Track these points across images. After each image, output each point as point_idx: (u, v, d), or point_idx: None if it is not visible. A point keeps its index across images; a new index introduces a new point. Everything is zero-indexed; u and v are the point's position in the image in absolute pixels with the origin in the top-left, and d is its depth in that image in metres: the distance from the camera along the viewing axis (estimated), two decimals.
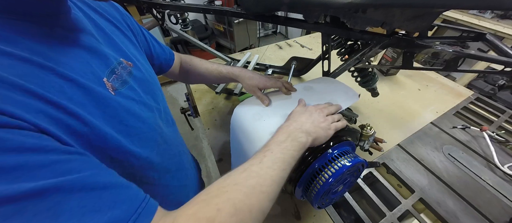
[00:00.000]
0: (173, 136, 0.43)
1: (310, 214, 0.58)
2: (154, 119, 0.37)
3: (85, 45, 0.29)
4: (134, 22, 0.45)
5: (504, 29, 1.57)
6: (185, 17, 1.09)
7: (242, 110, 0.55)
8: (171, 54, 0.57)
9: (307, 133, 0.38)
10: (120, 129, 0.28)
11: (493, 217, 0.56)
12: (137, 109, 0.32)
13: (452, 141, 0.77)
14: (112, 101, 0.28)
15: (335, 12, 0.47)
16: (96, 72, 0.28)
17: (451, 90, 1.02)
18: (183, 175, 0.41)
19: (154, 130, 0.36)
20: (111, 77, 0.30)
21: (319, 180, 0.41)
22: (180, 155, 0.46)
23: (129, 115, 0.30)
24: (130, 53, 0.37)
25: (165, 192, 0.39)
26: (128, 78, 0.34)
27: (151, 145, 0.34)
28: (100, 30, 0.34)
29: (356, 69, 0.75)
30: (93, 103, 0.26)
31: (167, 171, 0.39)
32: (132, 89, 0.33)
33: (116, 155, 0.28)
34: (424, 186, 0.64)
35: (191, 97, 0.99)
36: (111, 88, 0.29)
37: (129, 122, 0.30)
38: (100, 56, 0.30)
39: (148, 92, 0.37)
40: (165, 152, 0.39)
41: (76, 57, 0.27)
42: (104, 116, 0.27)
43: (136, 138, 0.31)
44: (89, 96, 0.26)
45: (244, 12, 0.57)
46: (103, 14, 0.37)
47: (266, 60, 1.20)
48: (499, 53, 0.49)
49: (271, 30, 3.55)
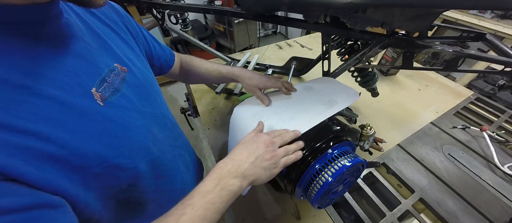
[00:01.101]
0: (167, 141, 0.42)
1: (310, 214, 0.58)
2: (147, 126, 0.35)
3: (75, 53, 0.28)
4: (134, 24, 0.44)
5: (504, 29, 1.57)
6: (185, 17, 1.09)
7: (242, 110, 0.55)
8: (171, 55, 0.57)
9: (242, 176, 0.34)
10: (106, 142, 0.28)
11: (493, 217, 0.56)
12: (127, 118, 0.31)
13: (452, 141, 0.77)
14: (98, 114, 0.27)
15: (335, 12, 0.47)
16: (84, 83, 0.27)
17: (451, 90, 1.02)
18: (178, 179, 0.39)
19: (145, 137, 0.34)
20: (102, 86, 0.29)
21: (319, 180, 0.41)
22: (175, 159, 0.44)
23: (116, 126, 0.29)
24: (125, 58, 0.36)
25: (160, 197, 0.38)
26: (121, 86, 0.32)
27: (141, 153, 0.33)
28: (94, 34, 0.33)
29: (356, 69, 0.75)
30: (75, 120, 0.25)
31: (159, 176, 0.38)
32: (125, 96, 0.32)
33: (100, 170, 0.27)
34: (424, 186, 0.64)
35: (191, 97, 0.99)
36: (99, 99, 0.28)
37: (117, 133, 0.29)
38: (90, 64, 0.29)
39: (143, 98, 0.36)
40: (157, 158, 0.37)
41: (62, 68, 0.26)
42: (88, 131, 0.26)
43: (125, 148, 0.30)
44: (71, 113, 0.25)
45: (244, 12, 0.57)
46: (100, 17, 0.36)
47: (266, 60, 1.20)
48: (499, 53, 0.49)
49: (271, 30, 3.55)
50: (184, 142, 0.53)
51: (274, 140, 0.39)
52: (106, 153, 0.27)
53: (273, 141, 0.39)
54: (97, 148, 0.26)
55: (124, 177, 0.30)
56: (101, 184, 0.27)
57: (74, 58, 0.27)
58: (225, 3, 2.48)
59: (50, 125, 0.23)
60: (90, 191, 0.26)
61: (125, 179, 0.30)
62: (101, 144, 0.27)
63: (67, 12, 0.30)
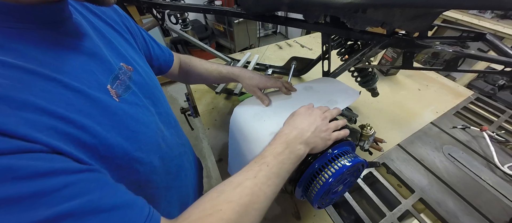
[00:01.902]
0: (173, 139, 0.44)
1: (310, 214, 0.58)
2: (155, 123, 0.37)
3: (88, 51, 0.29)
4: (133, 24, 0.45)
5: (504, 29, 1.57)
6: (185, 17, 1.09)
7: (242, 110, 0.55)
8: (170, 55, 0.57)
9: (306, 143, 0.37)
10: (126, 136, 0.29)
11: (493, 217, 0.56)
12: (140, 115, 0.33)
13: (452, 141, 0.77)
14: (118, 109, 0.29)
15: (335, 12, 0.47)
16: (100, 80, 0.28)
17: (451, 90, 1.02)
18: (183, 176, 0.41)
19: (156, 133, 0.36)
20: (115, 83, 0.30)
21: (319, 180, 0.41)
22: (180, 156, 0.46)
23: (133, 120, 0.31)
24: (130, 57, 0.37)
25: (168, 194, 0.40)
26: (130, 84, 0.34)
27: (154, 149, 0.35)
28: (100, 34, 0.33)
29: (356, 69, 0.75)
30: (100, 113, 0.26)
31: (168, 173, 0.40)
32: (135, 94, 0.34)
33: (122, 162, 0.28)
34: (424, 186, 0.64)
35: (191, 97, 0.99)
36: (115, 95, 0.29)
37: (135, 128, 0.31)
38: (103, 62, 0.30)
39: (148, 97, 0.37)
40: (166, 154, 0.39)
41: (81, 65, 0.27)
42: (111, 124, 0.27)
43: (142, 143, 0.31)
44: (96, 106, 0.26)
45: (244, 12, 0.57)
46: (102, 17, 0.36)
47: (266, 60, 1.20)
48: (499, 53, 0.49)
49: (271, 30, 3.55)
50: (186, 140, 0.54)
51: (325, 114, 0.42)
52: (127, 146, 0.28)
53: (325, 115, 0.42)
54: (119, 140, 0.27)
55: (142, 171, 0.32)
56: (123, 177, 0.28)
57: (88, 56, 0.28)
58: (225, 3, 2.48)
59: (82, 115, 0.24)
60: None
61: (143, 173, 0.32)
62: (122, 137, 0.28)
63: (75, 13, 0.30)
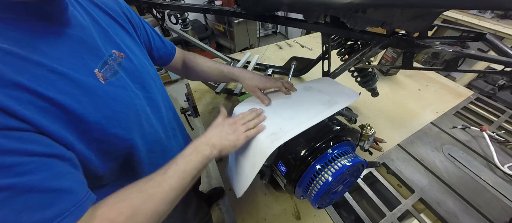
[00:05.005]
0: (161, 122, 0.49)
1: (310, 214, 0.58)
2: (141, 105, 0.42)
3: (79, 39, 0.34)
4: (135, 15, 0.49)
5: (504, 29, 1.57)
6: (185, 17, 1.09)
7: (241, 110, 0.55)
8: (172, 49, 0.59)
9: (212, 145, 0.43)
10: (106, 114, 0.34)
11: (493, 217, 0.56)
12: (125, 97, 0.38)
13: (452, 141, 0.77)
14: (100, 90, 0.33)
15: (335, 12, 0.47)
16: (88, 64, 0.33)
17: (451, 90, 1.02)
18: (170, 157, 0.44)
19: (139, 115, 0.41)
20: (104, 68, 0.35)
21: (319, 180, 0.41)
22: (168, 139, 0.51)
23: (115, 101, 0.35)
24: (123, 45, 0.41)
25: (153, 170, 0.43)
26: (119, 69, 0.38)
27: (135, 128, 0.40)
28: (96, 23, 0.38)
29: (356, 69, 0.75)
30: (81, 93, 0.31)
31: (151, 151, 0.45)
32: (122, 78, 0.38)
33: (99, 136, 0.33)
34: (424, 186, 0.64)
35: (191, 97, 0.99)
36: (101, 78, 0.34)
37: (115, 108, 0.35)
38: (94, 49, 0.35)
39: (136, 82, 0.42)
40: (150, 135, 0.44)
41: (70, 52, 0.32)
42: (92, 103, 0.32)
43: (122, 121, 0.37)
44: (78, 87, 0.31)
45: (244, 12, 0.57)
46: (101, 7, 0.41)
47: (266, 60, 1.20)
48: (499, 53, 0.49)
49: (271, 30, 3.55)
50: (181, 128, 0.60)
51: (236, 120, 0.49)
52: (105, 123, 0.34)
53: (235, 121, 0.49)
54: (98, 117, 0.33)
55: (122, 146, 0.38)
56: (101, 147, 0.34)
57: (79, 44, 0.33)
58: (225, 3, 2.48)
59: (62, 94, 0.29)
60: (91, 150, 0.33)
61: (123, 147, 0.38)
62: (102, 115, 0.33)
63: (73, 5, 0.35)
